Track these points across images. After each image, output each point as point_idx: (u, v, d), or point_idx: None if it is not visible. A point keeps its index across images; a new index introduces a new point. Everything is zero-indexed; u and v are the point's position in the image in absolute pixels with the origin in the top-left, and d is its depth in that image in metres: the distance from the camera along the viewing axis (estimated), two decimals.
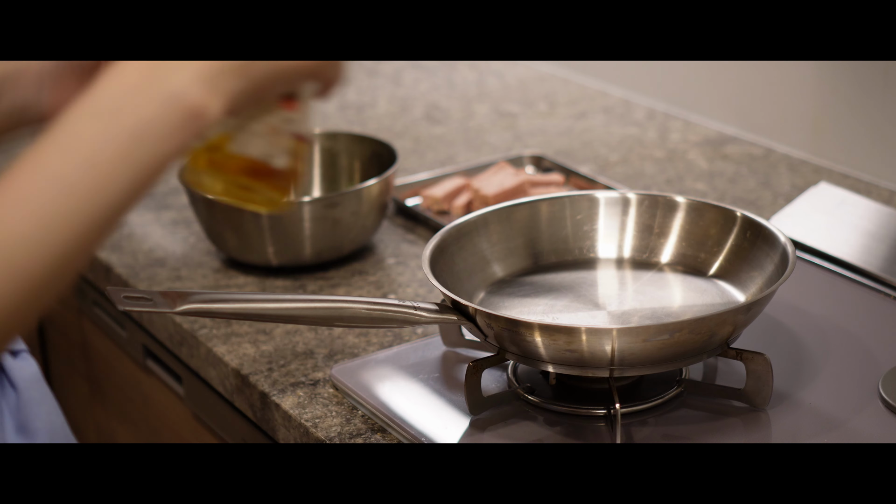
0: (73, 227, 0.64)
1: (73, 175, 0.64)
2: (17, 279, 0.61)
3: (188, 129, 0.67)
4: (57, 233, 0.63)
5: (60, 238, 0.63)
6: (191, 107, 0.67)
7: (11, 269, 0.62)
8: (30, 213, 0.62)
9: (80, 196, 0.63)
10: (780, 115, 1.75)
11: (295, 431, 1.17)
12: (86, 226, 0.64)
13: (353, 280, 1.41)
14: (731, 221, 1.24)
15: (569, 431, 1.09)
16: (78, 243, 0.64)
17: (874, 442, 1.06)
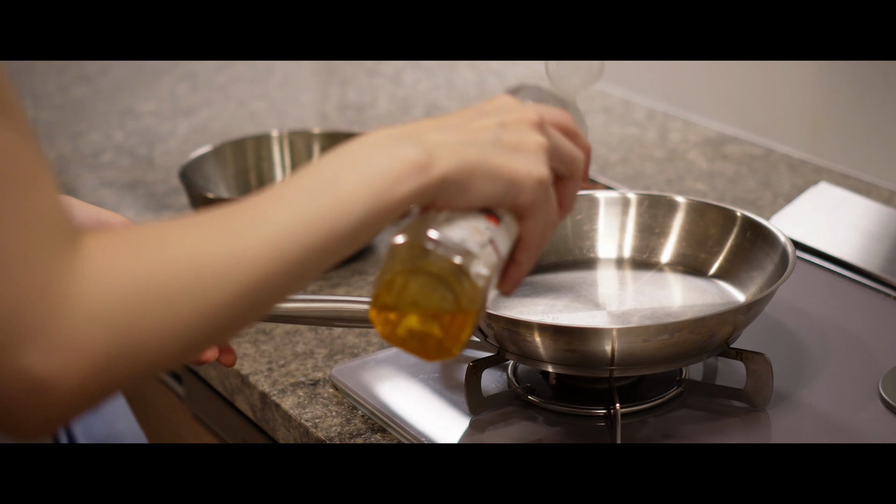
0: (303, 246, 0.72)
1: (319, 199, 0.74)
2: (244, 289, 0.69)
3: (415, 178, 0.78)
4: (285, 252, 0.71)
5: (288, 256, 0.71)
6: (419, 159, 0.78)
7: (240, 278, 0.69)
8: (268, 228, 0.71)
9: (318, 220, 0.73)
10: (780, 115, 1.75)
11: (295, 431, 1.17)
12: (312, 246, 0.73)
13: (353, 280, 1.41)
14: (731, 221, 1.24)
15: (569, 431, 1.09)
16: (301, 263, 0.72)
17: (874, 442, 1.06)
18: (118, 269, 0.67)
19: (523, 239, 0.87)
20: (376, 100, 2.03)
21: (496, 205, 0.85)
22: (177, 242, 0.70)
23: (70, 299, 0.64)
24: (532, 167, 0.84)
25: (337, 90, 2.10)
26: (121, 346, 0.66)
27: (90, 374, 0.65)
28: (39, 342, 0.64)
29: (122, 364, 0.66)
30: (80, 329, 0.64)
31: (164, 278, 0.68)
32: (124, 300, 0.66)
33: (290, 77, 2.18)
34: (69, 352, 0.64)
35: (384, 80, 2.12)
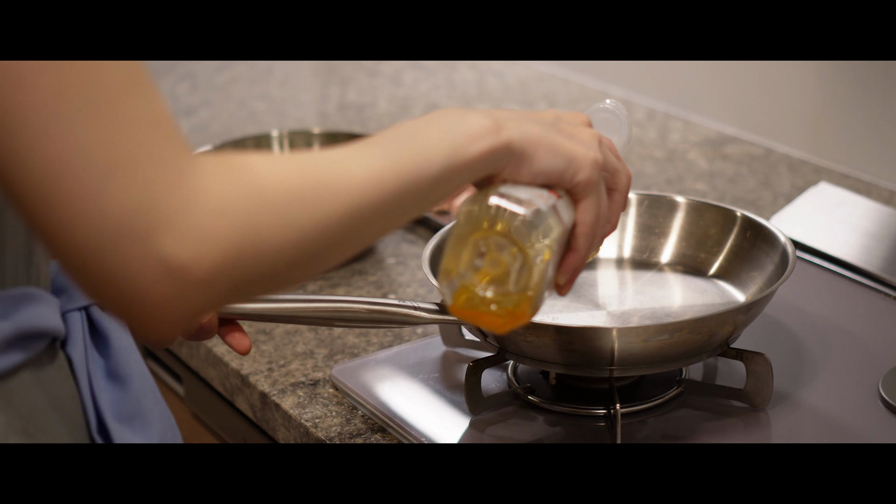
0: (396, 183, 0.79)
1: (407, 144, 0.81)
2: (352, 208, 0.76)
3: (487, 139, 0.85)
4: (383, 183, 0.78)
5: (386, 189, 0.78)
6: (490, 124, 0.85)
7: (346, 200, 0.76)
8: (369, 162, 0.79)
9: (407, 161, 0.80)
10: (780, 115, 1.75)
11: (295, 431, 1.17)
12: (403, 185, 0.80)
13: (353, 280, 1.41)
14: (731, 221, 1.24)
15: (569, 431, 1.09)
16: (396, 200, 0.79)
17: (874, 442, 1.06)
18: (238, 172, 0.72)
19: (579, 223, 0.92)
20: (376, 100, 2.03)
21: (555, 181, 0.90)
22: (286, 160, 0.76)
23: (197, 193, 0.69)
24: (588, 149, 0.90)
25: (337, 90, 2.10)
26: (246, 240, 0.71)
27: (220, 265, 0.70)
28: (175, 231, 0.68)
29: (247, 259, 0.71)
30: (209, 220, 0.69)
31: (282, 187, 0.73)
32: (246, 200, 0.71)
33: (290, 77, 2.18)
34: (201, 240, 0.69)
35: (384, 80, 2.12)
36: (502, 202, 0.89)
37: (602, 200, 0.92)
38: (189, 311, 0.71)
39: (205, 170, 0.71)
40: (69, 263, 0.70)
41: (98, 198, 0.67)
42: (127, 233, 0.68)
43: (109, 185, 0.67)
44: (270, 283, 0.75)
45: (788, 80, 1.72)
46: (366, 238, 0.80)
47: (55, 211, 0.68)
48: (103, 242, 0.68)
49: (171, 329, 0.72)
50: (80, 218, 0.67)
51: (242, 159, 0.74)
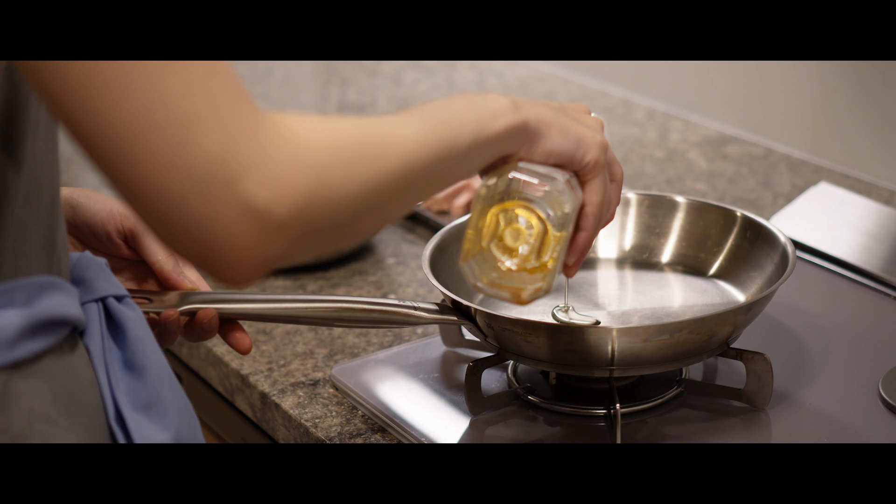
0: (436, 147, 0.85)
1: (441, 115, 0.88)
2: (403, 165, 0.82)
3: (508, 116, 0.91)
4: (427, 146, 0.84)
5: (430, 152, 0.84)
6: (508, 103, 0.91)
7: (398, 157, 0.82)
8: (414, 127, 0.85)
9: (443, 129, 0.87)
10: (780, 115, 1.75)
11: (295, 431, 1.17)
12: (442, 150, 0.86)
13: (353, 280, 1.41)
14: (731, 221, 1.24)
15: (569, 431, 1.09)
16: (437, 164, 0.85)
17: (874, 442, 1.06)
18: (303, 127, 0.77)
19: (588, 202, 0.97)
20: (376, 100, 2.03)
21: (566, 162, 0.96)
22: (339, 120, 0.81)
23: (272, 143, 0.74)
24: (595, 133, 0.97)
25: (337, 90, 2.10)
26: (317, 186, 0.75)
27: (297, 208, 0.74)
28: (255, 176, 0.72)
29: (318, 206, 0.76)
30: (285, 167, 0.74)
31: (346, 142, 0.79)
32: (315, 151, 0.76)
33: (290, 77, 2.18)
34: (280, 185, 0.73)
35: (384, 80, 2.12)
36: (521, 175, 0.94)
37: (607, 182, 0.98)
38: (268, 255, 0.75)
39: (275, 122, 0.75)
40: (154, 214, 0.73)
41: (181, 147, 0.71)
42: (210, 179, 0.71)
43: (192, 135, 0.71)
44: (336, 234, 0.79)
45: (788, 80, 1.72)
46: (412, 198, 0.86)
47: (140, 163, 0.71)
48: (188, 190, 0.71)
49: (252, 272, 0.75)
50: (165, 168, 0.71)
51: (307, 116, 0.79)
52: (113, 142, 0.71)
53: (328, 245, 0.81)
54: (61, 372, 0.82)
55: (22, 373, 0.79)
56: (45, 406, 0.80)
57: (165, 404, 0.88)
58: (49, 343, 0.81)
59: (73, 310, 0.83)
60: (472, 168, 0.92)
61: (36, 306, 0.80)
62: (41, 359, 0.80)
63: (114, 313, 0.89)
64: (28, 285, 0.80)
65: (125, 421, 0.85)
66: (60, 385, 0.81)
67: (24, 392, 0.79)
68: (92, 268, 0.89)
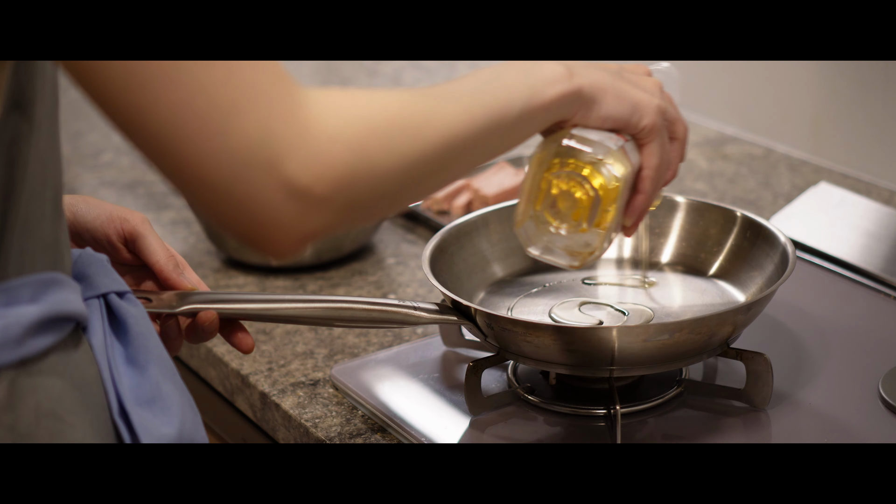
0: (484, 118, 0.87)
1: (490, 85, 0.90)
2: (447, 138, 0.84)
3: (561, 84, 0.92)
4: (474, 117, 0.86)
5: (476, 123, 0.86)
6: (562, 70, 0.93)
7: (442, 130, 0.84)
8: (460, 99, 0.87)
9: (492, 99, 0.89)
10: (780, 115, 1.75)
11: (295, 431, 1.17)
12: (489, 121, 0.87)
13: (353, 280, 1.41)
14: (731, 221, 1.24)
15: (569, 431, 1.09)
16: (483, 135, 0.87)
17: (874, 442, 1.06)
18: (343, 104, 0.79)
19: (645, 166, 0.99)
20: None
21: (622, 126, 0.97)
22: (384, 94, 0.83)
23: (311, 122, 0.76)
24: (652, 97, 0.98)
25: None
26: (358, 162, 0.78)
27: (337, 185, 0.77)
28: (295, 157, 0.75)
29: (360, 181, 0.78)
30: (325, 146, 0.77)
31: (387, 116, 0.81)
32: (356, 127, 0.79)
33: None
34: (319, 164, 0.76)
35: (384, 80, 2.12)
36: (574, 143, 0.96)
37: (665, 145, 0.99)
38: (311, 229, 0.78)
39: (316, 101, 0.78)
40: (201, 198, 0.77)
41: (224, 134, 0.74)
42: (253, 163, 0.75)
43: (233, 122, 0.74)
44: (379, 206, 0.83)
45: (788, 80, 1.72)
46: (458, 169, 0.87)
47: (185, 151, 0.74)
48: (232, 174, 0.75)
49: (296, 246, 0.79)
50: (210, 154, 0.74)
51: (349, 92, 0.81)
52: (159, 133, 0.74)
53: (372, 216, 0.84)
54: (67, 368, 0.82)
55: (29, 370, 0.79)
56: (52, 403, 0.80)
57: (168, 399, 0.88)
58: (55, 340, 0.81)
59: (78, 306, 0.84)
60: (524, 136, 0.93)
61: (42, 303, 0.80)
62: (47, 355, 0.80)
63: (116, 309, 0.89)
64: (34, 282, 0.80)
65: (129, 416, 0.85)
66: (66, 381, 0.81)
67: (31, 389, 0.79)
68: (93, 264, 0.90)
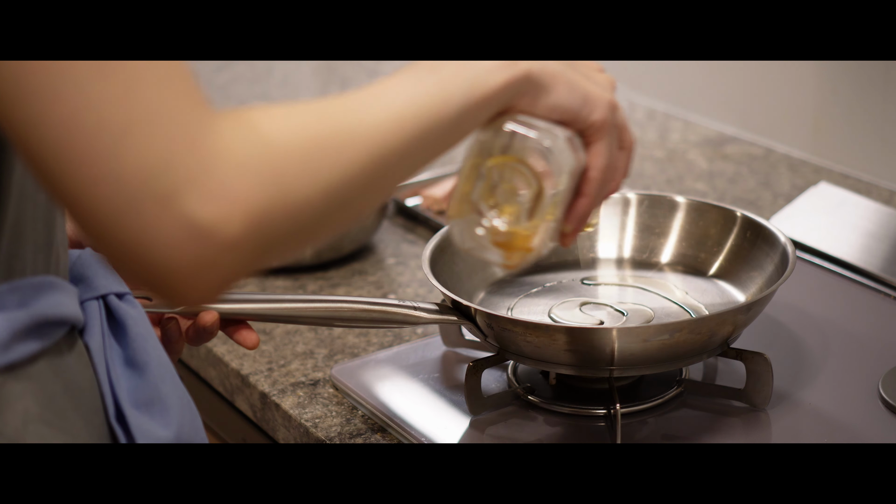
0: (416, 123, 0.79)
1: (423, 83, 0.83)
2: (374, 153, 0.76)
3: (505, 71, 0.84)
4: (404, 126, 0.78)
5: (407, 131, 0.78)
6: (506, 61, 0.85)
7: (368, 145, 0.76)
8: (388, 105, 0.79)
9: (426, 99, 0.81)
10: (780, 115, 1.75)
11: (295, 431, 1.17)
12: (424, 125, 0.80)
13: (353, 280, 1.41)
14: (731, 221, 1.24)
15: (569, 431, 1.09)
16: (418, 141, 0.79)
17: (874, 442, 1.06)
18: (256, 130, 0.71)
19: (591, 166, 0.90)
20: None
21: (570, 119, 0.89)
22: (306, 111, 0.75)
23: (218, 152, 0.68)
24: (605, 91, 0.90)
25: (337, 90, 2.10)
26: (272, 196, 0.69)
27: (249, 224, 0.68)
28: (197, 190, 0.66)
29: (274, 215, 0.69)
30: (233, 179, 0.68)
31: (302, 138, 0.72)
32: (268, 154, 0.70)
33: (290, 77, 2.18)
34: (226, 200, 0.67)
35: None
36: (518, 128, 0.87)
37: (614, 146, 0.91)
38: (221, 276, 0.69)
39: (224, 125, 0.70)
40: (91, 229, 0.68)
41: (114, 157, 0.65)
42: (146, 194, 0.66)
43: (125, 144, 0.66)
44: (300, 238, 0.74)
45: (788, 80, 1.72)
46: (392, 183, 0.79)
47: (72, 174, 0.66)
48: (122, 205, 0.66)
49: (204, 293, 0.70)
50: (97, 180, 0.66)
51: (260, 113, 0.73)
52: (43, 151, 0.66)
53: (293, 251, 0.76)
54: (58, 373, 0.81)
55: (17, 375, 0.78)
56: (41, 408, 0.79)
57: (167, 401, 0.88)
58: (45, 344, 0.80)
59: (71, 309, 0.83)
60: (465, 133, 0.85)
61: (31, 307, 0.79)
62: (37, 360, 0.80)
63: (115, 310, 0.88)
64: (24, 286, 0.79)
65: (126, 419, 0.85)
66: (57, 386, 0.81)
67: (19, 394, 0.78)
68: (92, 265, 0.88)
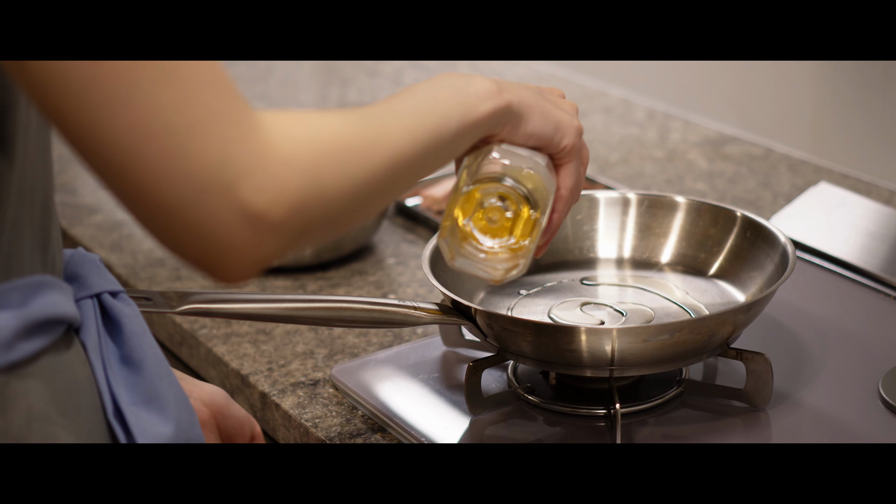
0: (425, 137, 0.88)
1: (426, 104, 0.91)
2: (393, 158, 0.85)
3: (493, 100, 0.94)
4: (416, 137, 0.87)
5: (418, 142, 0.87)
6: (493, 86, 0.94)
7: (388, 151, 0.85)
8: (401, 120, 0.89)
9: (430, 118, 0.90)
10: (780, 115, 1.75)
11: (295, 431, 1.17)
12: (430, 140, 0.89)
13: (353, 280, 1.41)
14: (731, 221, 1.24)
15: (569, 431, 1.09)
16: (424, 152, 0.88)
17: (874, 442, 1.06)
18: (294, 128, 0.79)
19: (562, 186, 1.00)
20: (376, 100, 2.02)
21: (544, 145, 0.99)
22: (331, 116, 0.84)
23: (266, 147, 0.76)
24: (573, 118, 1.00)
25: (337, 90, 2.10)
26: (311, 187, 0.78)
27: (292, 210, 0.76)
28: (252, 182, 0.74)
29: (313, 205, 0.78)
30: (279, 170, 0.76)
31: (337, 140, 0.81)
32: (305, 151, 0.78)
33: (290, 77, 2.18)
34: (275, 189, 0.75)
35: (384, 80, 2.12)
36: (502, 157, 0.97)
37: (580, 167, 1.01)
38: (264, 254, 0.77)
39: (270, 124, 0.77)
40: (155, 221, 0.75)
41: (181, 157, 0.73)
42: (210, 187, 0.73)
43: (190, 144, 0.73)
44: (329, 229, 0.82)
45: (788, 80, 1.72)
46: (401, 188, 0.88)
47: (141, 173, 0.73)
48: (189, 198, 0.73)
49: (249, 271, 0.78)
50: (166, 177, 0.73)
51: (299, 115, 0.81)
52: (113, 153, 0.73)
53: (321, 238, 0.83)
54: (58, 371, 0.82)
55: (19, 374, 0.79)
56: (44, 406, 0.80)
57: (164, 398, 0.88)
58: (45, 343, 0.81)
59: (68, 308, 0.83)
60: (458, 151, 0.94)
61: (31, 306, 0.80)
62: (38, 359, 0.80)
63: (109, 309, 0.89)
64: (23, 286, 0.80)
65: (124, 416, 0.85)
66: (58, 384, 0.81)
67: (22, 393, 0.79)
68: (86, 264, 0.89)
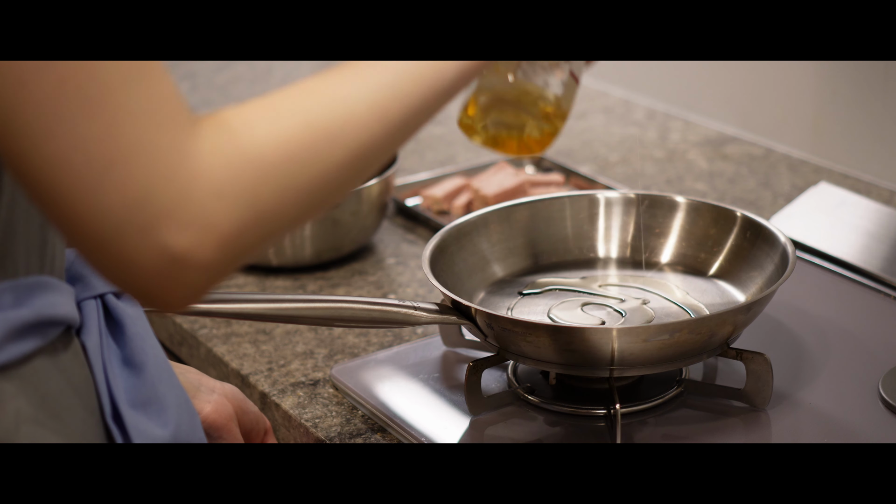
0: (404, 109, 0.79)
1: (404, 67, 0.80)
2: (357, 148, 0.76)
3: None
4: (386, 116, 0.78)
5: (389, 122, 0.78)
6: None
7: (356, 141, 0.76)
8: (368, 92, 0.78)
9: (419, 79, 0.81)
10: (780, 115, 1.75)
11: (295, 431, 1.17)
12: (413, 109, 0.80)
13: (353, 280, 1.41)
14: (731, 221, 1.24)
15: (569, 431, 1.09)
16: (403, 124, 0.79)
17: (874, 442, 1.06)
18: (236, 146, 0.73)
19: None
20: None
21: None
22: (289, 114, 0.75)
23: (195, 179, 0.71)
24: None
25: None
26: (246, 217, 0.72)
27: (222, 246, 0.72)
28: (174, 221, 0.70)
29: (249, 234, 0.73)
30: (209, 205, 0.71)
31: (281, 150, 0.74)
32: (245, 174, 0.72)
33: (290, 77, 2.18)
34: (201, 227, 0.71)
35: None
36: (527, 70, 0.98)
37: None
38: (196, 289, 0.73)
39: (203, 145, 0.72)
40: (82, 251, 0.73)
41: (100, 192, 0.69)
42: (128, 225, 0.70)
43: (110, 180, 0.69)
44: (272, 242, 0.77)
45: (788, 80, 1.72)
46: (375, 167, 0.80)
47: (62, 205, 0.70)
48: (108, 234, 0.70)
49: (182, 303, 0.74)
50: (85, 212, 0.70)
51: (240, 121, 0.75)
52: (37, 183, 0.71)
53: (266, 249, 0.79)
54: (52, 373, 0.81)
55: (9, 375, 0.78)
56: (34, 408, 0.79)
57: (164, 401, 0.88)
58: (39, 344, 0.80)
59: (66, 309, 0.83)
60: (457, 92, 0.87)
61: (25, 307, 0.79)
62: (31, 360, 0.80)
63: (112, 310, 0.89)
64: (17, 286, 0.79)
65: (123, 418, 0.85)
66: (51, 386, 0.81)
67: (12, 394, 0.78)
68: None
